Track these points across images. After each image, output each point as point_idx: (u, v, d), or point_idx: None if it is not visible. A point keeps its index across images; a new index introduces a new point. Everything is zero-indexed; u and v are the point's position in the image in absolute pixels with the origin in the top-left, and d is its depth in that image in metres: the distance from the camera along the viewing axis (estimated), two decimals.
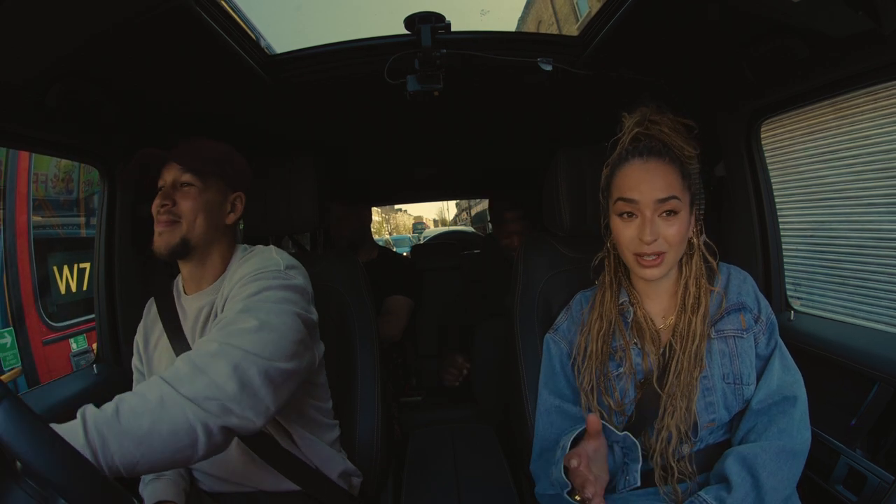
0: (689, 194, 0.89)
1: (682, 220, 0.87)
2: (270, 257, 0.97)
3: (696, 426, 0.91)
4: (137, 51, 0.95)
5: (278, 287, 0.88)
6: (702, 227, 0.93)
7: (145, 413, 0.67)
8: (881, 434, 0.96)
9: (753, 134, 1.25)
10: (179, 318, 1.01)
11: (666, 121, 0.90)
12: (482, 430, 1.98)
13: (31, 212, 2.94)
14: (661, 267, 0.88)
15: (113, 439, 0.64)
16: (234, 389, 0.72)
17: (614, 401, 0.93)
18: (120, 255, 1.30)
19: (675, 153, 0.89)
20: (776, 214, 1.28)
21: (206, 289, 1.00)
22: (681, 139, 0.90)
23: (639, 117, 0.92)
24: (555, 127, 1.82)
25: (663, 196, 0.86)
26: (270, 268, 0.92)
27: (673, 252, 0.88)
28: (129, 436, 0.65)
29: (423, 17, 1.06)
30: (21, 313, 2.78)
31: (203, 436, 0.69)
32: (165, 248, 0.93)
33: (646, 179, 0.87)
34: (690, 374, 0.88)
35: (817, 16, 0.84)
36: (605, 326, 0.95)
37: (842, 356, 1.04)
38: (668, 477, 0.90)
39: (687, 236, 0.90)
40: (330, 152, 1.91)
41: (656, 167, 0.87)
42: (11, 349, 2.71)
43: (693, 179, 0.90)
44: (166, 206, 0.93)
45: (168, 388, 0.70)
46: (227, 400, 0.71)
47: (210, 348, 0.75)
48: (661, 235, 0.86)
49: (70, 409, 1.13)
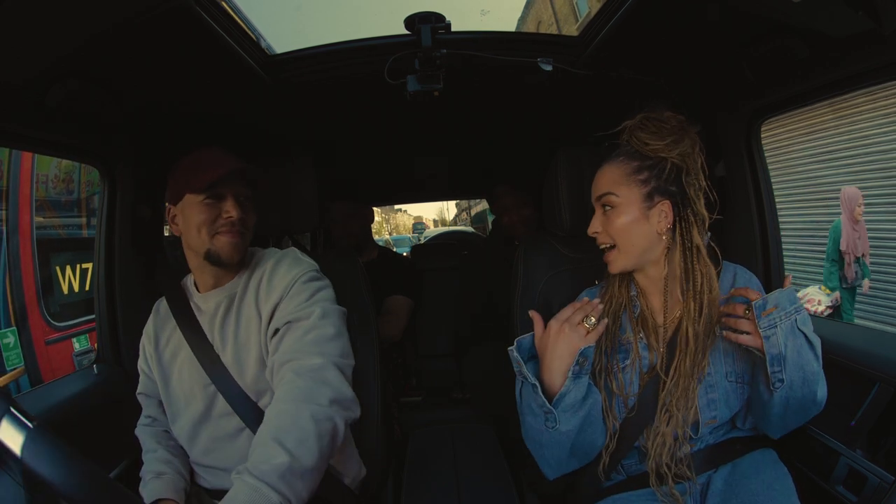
0: (641, 187, 0.91)
1: (622, 214, 0.91)
2: (302, 259, 1.07)
3: (698, 424, 0.91)
4: (138, 51, 0.95)
5: (327, 286, 1.04)
6: (703, 228, 0.92)
7: (310, 438, 0.80)
8: (881, 434, 0.96)
9: (753, 134, 1.25)
10: (194, 313, 1.05)
11: (649, 125, 0.92)
12: (482, 430, 1.98)
13: (34, 212, 2.96)
14: (614, 259, 0.94)
15: (298, 482, 0.76)
16: (348, 391, 0.93)
17: (618, 385, 0.94)
18: (120, 256, 1.31)
19: (636, 149, 0.92)
20: (776, 214, 1.28)
21: (224, 286, 1.05)
22: (646, 134, 0.91)
23: (627, 129, 0.95)
24: (555, 127, 1.82)
25: (599, 193, 0.95)
26: (312, 269, 1.04)
27: (623, 244, 0.92)
28: (311, 469, 0.79)
29: (423, 17, 1.06)
30: (24, 313, 2.81)
31: (342, 431, 0.88)
32: (237, 257, 1.01)
33: (595, 182, 0.98)
34: (689, 379, 0.89)
35: (817, 16, 0.84)
36: (615, 306, 0.97)
37: (842, 356, 1.04)
38: (664, 479, 0.90)
39: (638, 229, 0.91)
40: (330, 152, 1.91)
41: (603, 168, 0.97)
42: (14, 349, 2.73)
43: (663, 172, 0.90)
44: (242, 218, 1.00)
45: (312, 406, 0.84)
46: (347, 400, 0.92)
47: (315, 361, 0.91)
48: (602, 228, 0.94)
49: (70, 409, 1.13)
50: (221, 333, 1.02)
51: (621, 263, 0.94)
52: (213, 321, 1.03)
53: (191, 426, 1.02)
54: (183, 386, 1.03)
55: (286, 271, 1.01)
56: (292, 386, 0.87)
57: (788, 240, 3.87)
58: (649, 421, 0.92)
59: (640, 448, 0.96)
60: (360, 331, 1.24)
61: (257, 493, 0.71)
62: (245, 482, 0.72)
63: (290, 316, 0.96)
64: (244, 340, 1.00)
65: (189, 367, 1.02)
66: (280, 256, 1.07)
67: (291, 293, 0.98)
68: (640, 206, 0.91)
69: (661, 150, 0.90)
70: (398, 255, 2.44)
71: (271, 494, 0.71)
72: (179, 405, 1.04)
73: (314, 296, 0.99)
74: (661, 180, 0.90)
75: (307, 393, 0.86)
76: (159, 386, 1.06)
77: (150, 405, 1.11)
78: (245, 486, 0.72)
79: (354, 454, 1.13)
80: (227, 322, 1.02)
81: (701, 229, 0.91)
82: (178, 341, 1.04)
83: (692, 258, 0.90)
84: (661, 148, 0.90)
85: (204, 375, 0.99)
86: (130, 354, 1.32)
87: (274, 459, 0.75)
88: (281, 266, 1.03)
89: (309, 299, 0.98)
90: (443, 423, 2.05)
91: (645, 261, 0.94)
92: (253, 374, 0.99)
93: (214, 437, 1.01)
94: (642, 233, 0.91)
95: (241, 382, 0.99)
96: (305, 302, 0.97)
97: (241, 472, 0.74)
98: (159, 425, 1.11)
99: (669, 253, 0.92)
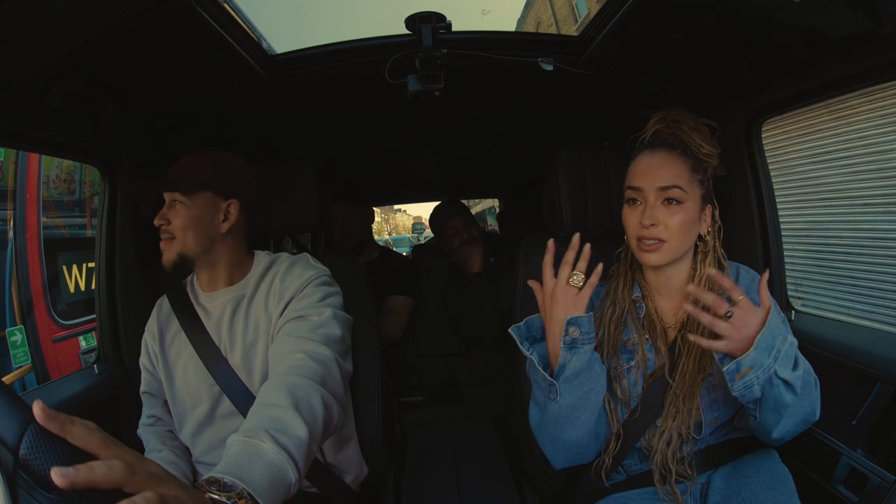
0: (699, 189, 0.91)
1: (686, 211, 0.89)
2: (316, 264, 1.07)
3: (701, 424, 0.91)
4: (138, 51, 0.95)
5: (338, 293, 1.05)
6: (720, 231, 0.94)
7: (318, 421, 0.75)
8: (882, 434, 0.96)
9: (754, 134, 1.25)
10: (197, 313, 1.04)
11: (687, 120, 0.93)
12: (482, 430, 1.98)
13: (41, 213, 2.98)
14: (659, 253, 0.90)
15: (306, 462, 0.68)
16: (342, 394, 0.91)
17: (622, 390, 0.94)
18: (121, 255, 1.30)
19: (692, 150, 0.92)
20: (777, 214, 1.28)
21: (229, 287, 1.05)
22: (699, 137, 0.92)
23: (660, 116, 0.95)
24: (555, 127, 1.82)
25: (665, 184, 0.89)
26: (325, 274, 1.05)
27: (674, 241, 0.89)
28: (315, 438, 0.73)
29: (423, 17, 1.06)
30: (31, 311, 2.84)
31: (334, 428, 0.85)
32: (167, 263, 1.01)
33: (651, 168, 0.91)
34: (695, 378, 0.88)
35: (817, 16, 0.84)
36: (616, 313, 0.96)
37: (843, 356, 1.04)
38: (668, 477, 0.90)
39: (692, 230, 0.91)
40: (331, 152, 1.91)
41: (663, 157, 0.91)
42: (22, 346, 2.77)
43: (708, 178, 0.92)
44: (162, 224, 1.01)
45: (323, 391, 0.81)
46: (341, 401, 0.89)
47: (325, 352, 0.89)
48: (661, 222, 0.89)
49: (71, 409, 1.13)
50: (230, 334, 1.01)
51: (664, 258, 0.91)
52: (220, 321, 1.02)
53: (196, 426, 1.02)
54: (189, 387, 1.02)
55: (300, 273, 1.02)
56: (305, 365, 0.83)
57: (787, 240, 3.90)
58: (651, 422, 0.92)
59: (642, 448, 0.96)
60: (361, 331, 1.24)
61: (279, 468, 0.61)
62: (267, 448, 0.61)
63: (302, 312, 0.96)
64: (252, 342, 1.00)
65: (194, 367, 1.01)
66: (293, 260, 1.07)
67: (304, 293, 0.99)
68: (699, 205, 0.91)
69: (711, 158, 0.92)
70: (399, 255, 2.44)
71: (291, 471, 0.62)
72: (185, 406, 1.03)
73: (326, 299, 0.99)
74: (708, 184, 0.93)
75: (321, 377, 0.82)
76: (164, 385, 1.06)
77: (154, 404, 1.10)
78: (266, 454, 0.61)
79: (356, 453, 1.13)
80: (235, 323, 1.02)
81: (718, 234, 0.93)
82: (183, 341, 1.04)
83: (712, 260, 0.92)
84: (713, 155, 0.92)
85: (209, 376, 0.99)
86: (131, 354, 1.32)
87: (297, 431, 0.67)
88: (294, 268, 1.03)
89: (321, 301, 0.98)
90: (443, 423, 2.05)
91: (680, 262, 0.94)
92: (261, 375, 0.98)
93: (218, 437, 1.01)
94: (694, 233, 0.92)
95: (249, 384, 0.99)
96: (318, 302, 0.98)
97: (259, 435, 0.62)
98: (163, 425, 1.10)
99: (704, 257, 0.94)
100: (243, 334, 1.00)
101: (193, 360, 1.01)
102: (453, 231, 2.10)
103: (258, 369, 0.99)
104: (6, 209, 2.86)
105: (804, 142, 4.98)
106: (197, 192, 1.01)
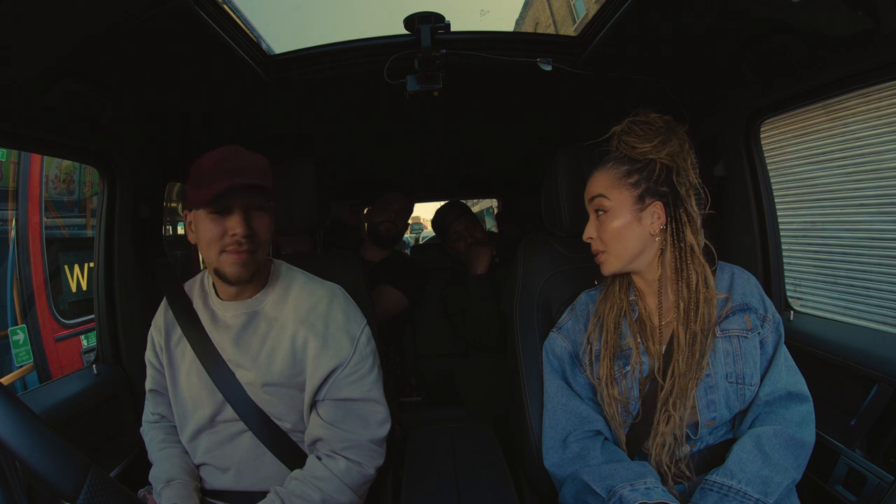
0: (631, 190, 0.91)
1: (614, 217, 0.92)
2: (356, 307, 1.07)
3: (698, 425, 0.91)
4: (137, 51, 0.95)
5: (369, 334, 1.05)
6: (696, 227, 0.91)
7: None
8: (881, 434, 0.96)
9: (753, 134, 1.25)
10: (206, 319, 1.02)
11: (636, 128, 0.91)
12: (482, 430, 1.97)
13: (43, 213, 2.99)
14: (605, 263, 0.95)
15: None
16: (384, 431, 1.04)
17: (621, 394, 0.94)
18: (119, 256, 1.30)
19: (626, 155, 0.92)
20: (776, 214, 1.28)
21: (245, 300, 1.01)
22: (633, 138, 0.91)
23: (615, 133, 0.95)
24: (554, 127, 1.82)
25: (590, 196, 0.96)
26: (364, 322, 1.05)
27: (613, 248, 0.93)
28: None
29: (422, 17, 1.06)
30: (33, 310, 2.85)
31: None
32: (247, 276, 0.94)
33: (588, 186, 0.98)
34: (687, 382, 0.88)
35: (817, 16, 0.84)
36: (615, 312, 0.97)
37: (842, 356, 1.04)
38: (665, 478, 0.90)
39: (629, 233, 0.91)
40: (330, 152, 1.91)
41: (597, 174, 0.96)
42: (24, 345, 2.78)
43: (654, 175, 0.90)
44: (248, 235, 0.90)
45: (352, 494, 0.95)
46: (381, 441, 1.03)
47: (377, 449, 1.01)
48: (595, 234, 0.95)
49: (70, 409, 1.13)
50: (239, 348, 0.99)
51: (612, 266, 0.94)
52: (229, 332, 1.00)
53: (195, 429, 1.01)
54: (192, 390, 1.01)
55: (345, 324, 1.00)
56: (346, 466, 0.95)
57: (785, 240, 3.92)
58: (652, 421, 0.92)
59: (642, 449, 0.96)
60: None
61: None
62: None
63: (353, 393, 0.98)
64: (265, 364, 0.97)
65: (197, 372, 1.00)
66: (331, 296, 1.03)
67: (354, 362, 0.98)
68: (632, 208, 0.91)
69: (649, 153, 0.90)
70: (409, 256, 2.45)
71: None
72: (187, 408, 1.02)
73: (372, 360, 1.02)
74: (652, 182, 0.90)
75: (358, 485, 0.97)
76: (168, 384, 1.04)
77: (160, 402, 1.09)
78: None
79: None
80: (247, 338, 0.99)
81: (694, 228, 0.90)
82: (188, 344, 1.02)
83: (686, 258, 0.90)
84: (649, 150, 0.90)
85: (211, 382, 0.98)
86: (130, 354, 1.31)
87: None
88: (335, 311, 1.01)
89: (370, 371, 1.01)
90: (443, 423, 2.05)
91: (639, 263, 0.94)
92: (269, 387, 0.97)
93: (216, 440, 1.00)
94: (635, 235, 0.91)
95: (256, 398, 0.98)
96: (367, 374, 1.00)
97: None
98: (168, 423, 1.09)
99: (663, 254, 0.92)
100: (256, 354, 0.98)
101: (196, 364, 1.00)
102: (457, 235, 2.10)
103: (265, 382, 0.97)
104: (7, 209, 2.86)
105: (802, 142, 4.99)
106: (270, 194, 0.96)
